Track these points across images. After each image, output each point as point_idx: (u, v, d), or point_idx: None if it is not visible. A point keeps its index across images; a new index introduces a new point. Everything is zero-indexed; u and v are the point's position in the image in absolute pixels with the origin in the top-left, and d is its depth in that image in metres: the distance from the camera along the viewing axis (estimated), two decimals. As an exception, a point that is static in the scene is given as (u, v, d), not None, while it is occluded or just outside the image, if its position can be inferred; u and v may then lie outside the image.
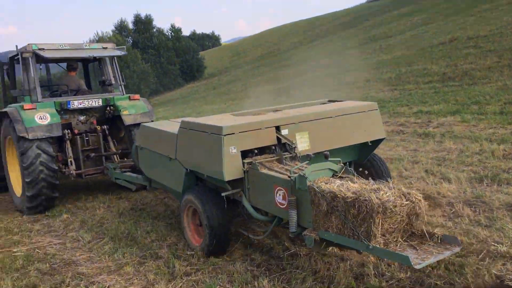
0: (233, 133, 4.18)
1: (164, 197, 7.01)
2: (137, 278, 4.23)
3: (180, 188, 4.98)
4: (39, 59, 7.31)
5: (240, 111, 5.48)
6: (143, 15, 54.39)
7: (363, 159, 5.40)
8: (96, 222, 6.12)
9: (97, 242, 5.33)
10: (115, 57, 7.99)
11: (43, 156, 6.57)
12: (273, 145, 4.46)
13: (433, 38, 27.08)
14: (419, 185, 6.23)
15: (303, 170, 3.79)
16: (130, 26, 53.68)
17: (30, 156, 6.49)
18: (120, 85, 7.94)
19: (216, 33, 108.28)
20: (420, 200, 3.32)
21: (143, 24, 53.76)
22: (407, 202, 3.26)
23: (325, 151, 4.16)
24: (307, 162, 4.07)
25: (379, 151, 8.83)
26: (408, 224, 3.36)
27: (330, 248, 4.38)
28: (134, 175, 6.55)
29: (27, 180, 6.53)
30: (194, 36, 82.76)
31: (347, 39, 45.45)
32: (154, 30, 54.31)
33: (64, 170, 7.21)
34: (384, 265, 3.93)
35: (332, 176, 3.85)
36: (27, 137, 6.47)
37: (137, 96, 7.83)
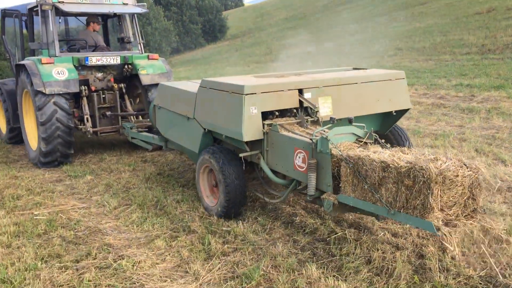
0: (255, 93, 4.07)
1: (192, 163, 6.60)
2: (169, 254, 3.85)
3: (197, 148, 4.91)
4: (58, 12, 7.04)
5: (262, 74, 5.30)
6: (166, -30, 52.81)
7: (385, 130, 5.17)
8: (122, 187, 5.76)
9: (124, 209, 4.97)
10: (135, 14, 7.69)
11: (60, 112, 6.50)
12: (294, 108, 4.37)
13: (468, 7, 25.75)
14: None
15: (325, 133, 3.68)
16: (153, -19, 52.22)
17: (47, 112, 6.42)
18: (139, 43, 7.72)
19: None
20: (483, 171, 3.05)
21: (166, -20, 52.25)
22: (469, 172, 2.97)
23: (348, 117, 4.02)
24: (330, 125, 3.91)
25: (421, 125, 8.27)
26: (470, 198, 3.05)
27: (382, 233, 3.97)
28: (151, 135, 6.42)
29: (43, 136, 6.49)
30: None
31: (375, 5, 43.70)
32: (177, -14, 52.79)
33: (80, 126, 7.12)
34: (449, 260, 3.47)
35: (356, 142, 3.76)
36: (44, 91, 6.37)
37: (156, 55, 7.62)
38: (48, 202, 5.27)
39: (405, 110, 5.04)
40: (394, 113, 4.96)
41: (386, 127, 5.17)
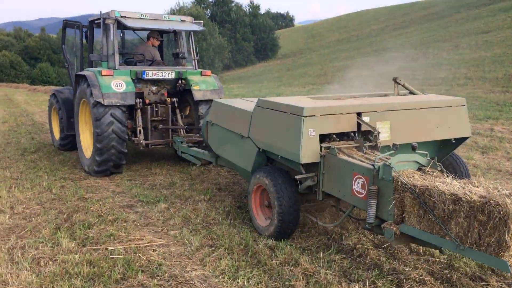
0: (314, 115, 4.06)
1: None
2: (279, 327, 3.08)
3: (250, 167, 4.90)
4: (120, 26, 7.27)
5: (318, 95, 5.26)
6: (223, -12, 53.50)
7: (442, 158, 5.03)
8: (201, 221, 5.07)
9: (209, 253, 4.26)
10: (192, 32, 7.87)
11: (116, 124, 6.64)
12: (352, 131, 4.31)
13: (538, 38, 24.20)
14: None
15: (388, 159, 3.63)
16: (210, -2, 53.01)
17: (104, 123, 6.57)
18: (194, 59, 7.84)
19: (291, 14, 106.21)
20: None
21: (222, -3, 52.95)
22: None
23: (411, 142, 3.96)
24: (392, 152, 3.85)
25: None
26: None
27: None
28: (201, 150, 6.45)
29: (98, 145, 6.63)
30: (268, 14, 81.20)
31: (435, 30, 42.35)
32: (233, 4, 53.37)
33: (133, 138, 7.21)
34: None
35: (418, 169, 3.67)
36: (102, 102, 6.51)
37: (208, 72, 7.75)
38: (122, 235, 4.64)
39: (465, 138, 4.92)
40: (454, 141, 4.85)
41: (443, 155, 5.03)
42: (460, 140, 4.89)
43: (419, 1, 71.66)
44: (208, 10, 51.49)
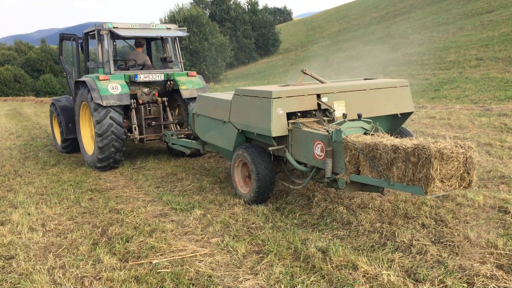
0: (281, 97, 4.92)
1: (313, 194, 5.62)
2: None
3: (231, 147, 5.80)
4: (113, 36, 8.08)
5: (285, 83, 5.92)
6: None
7: (393, 131, 5.82)
8: (242, 226, 4.85)
9: (258, 260, 4.04)
10: (177, 37, 8.71)
11: (115, 126, 7.45)
12: (314, 110, 5.20)
13: (544, 15, 23.71)
14: None
15: (339, 126, 4.43)
16: (208, -3, 52.61)
17: (104, 125, 7.38)
18: (180, 62, 8.72)
19: (288, 8, 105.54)
20: (474, 150, 3.65)
21: (220, -5, 52.55)
22: (462, 150, 3.59)
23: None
24: (342, 121, 4.58)
25: None
26: (465, 173, 3.65)
27: None
28: (189, 140, 7.41)
29: (99, 145, 7.43)
30: (266, 10, 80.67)
31: (437, 14, 41.83)
32: (231, 2, 53.00)
33: (129, 134, 8.04)
34: None
35: (364, 134, 4.55)
36: (101, 104, 7.30)
37: (194, 73, 8.58)
38: (163, 246, 4.43)
39: (409, 113, 5.79)
40: (400, 116, 5.71)
41: (394, 129, 5.87)
42: (406, 115, 5.77)
43: (418, -14, 70.82)
44: (207, 9, 51.18)
